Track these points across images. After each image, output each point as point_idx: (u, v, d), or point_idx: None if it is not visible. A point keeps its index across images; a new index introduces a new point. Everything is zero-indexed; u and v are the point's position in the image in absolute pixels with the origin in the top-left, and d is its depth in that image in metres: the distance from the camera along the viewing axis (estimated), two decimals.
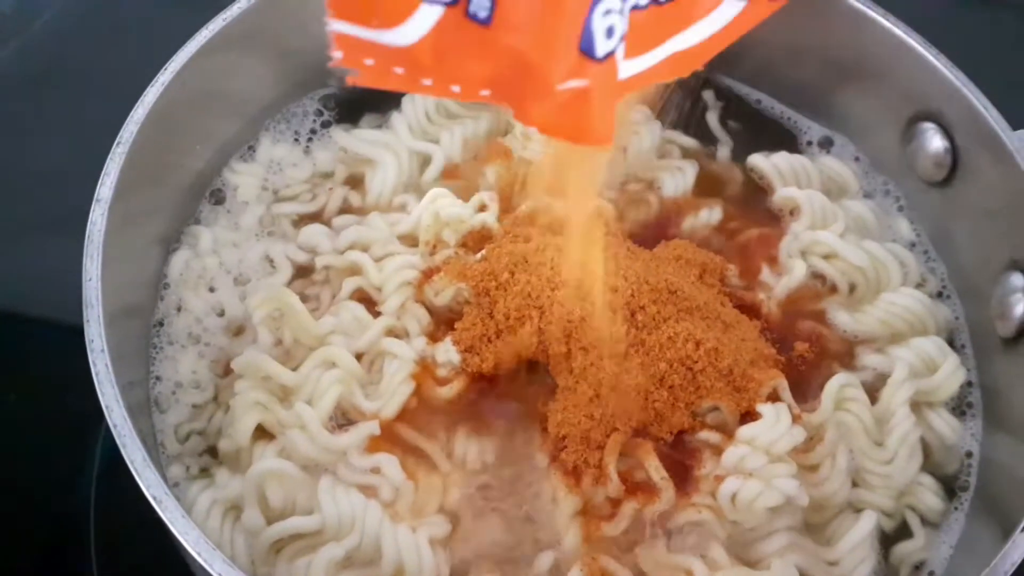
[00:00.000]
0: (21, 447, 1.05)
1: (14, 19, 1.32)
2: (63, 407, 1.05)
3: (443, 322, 0.90)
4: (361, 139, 1.00)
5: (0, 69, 1.29)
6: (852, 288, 0.95)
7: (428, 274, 0.90)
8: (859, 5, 0.95)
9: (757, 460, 0.82)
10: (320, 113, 1.04)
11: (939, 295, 0.97)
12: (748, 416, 0.85)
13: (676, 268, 0.90)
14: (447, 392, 0.86)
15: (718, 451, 0.84)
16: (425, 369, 0.86)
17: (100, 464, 1.03)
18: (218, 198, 0.98)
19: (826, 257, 0.95)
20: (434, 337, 0.88)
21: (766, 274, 0.96)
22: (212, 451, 0.86)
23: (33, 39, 1.31)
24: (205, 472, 0.84)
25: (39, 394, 1.08)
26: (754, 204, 1.00)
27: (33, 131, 1.22)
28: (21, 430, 1.06)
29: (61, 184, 1.13)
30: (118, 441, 0.70)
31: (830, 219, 0.97)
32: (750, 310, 0.93)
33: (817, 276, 0.96)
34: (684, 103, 1.06)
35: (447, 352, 0.87)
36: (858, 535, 0.81)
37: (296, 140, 1.02)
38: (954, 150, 0.94)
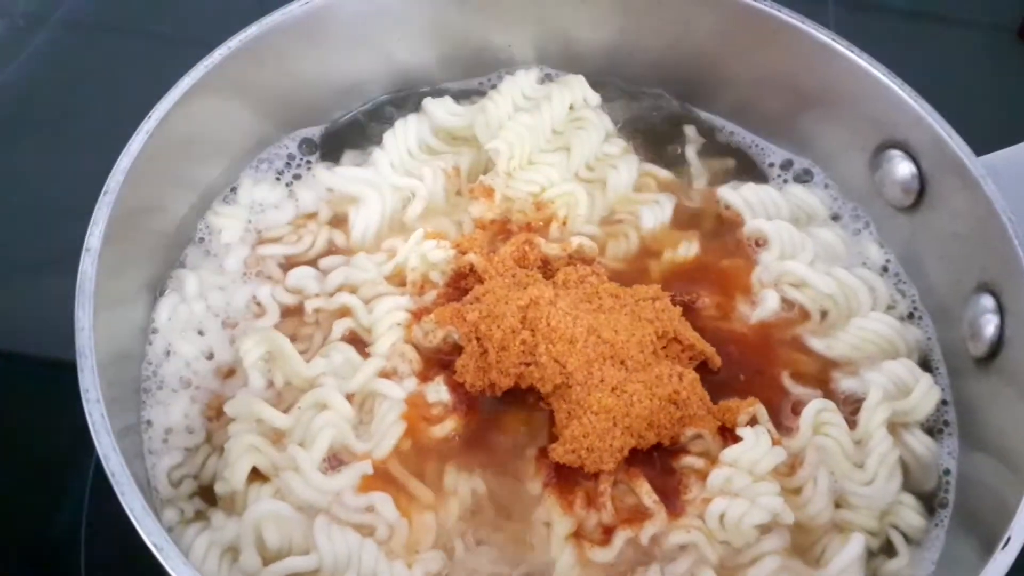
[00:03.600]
0: (9, 480, 1.05)
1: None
2: (51, 441, 1.06)
3: (432, 362, 0.91)
4: (343, 177, 1.02)
5: None
6: (824, 314, 0.98)
7: (417, 315, 0.92)
8: (826, 38, 0.98)
9: (741, 480, 0.84)
10: (300, 153, 1.05)
11: (910, 317, 1.00)
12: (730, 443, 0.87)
13: (658, 310, 0.92)
14: (439, 431, 0.87)
15: (703, 476, 0.86)
16: (416, 409, 0.87)
17: (90, 496, 1.03)
18: (202, 242, 0.99)
19: (796, 286, 0.98)
20: (424, 377, 0.89)
21: (740, 304, 0.98)
22: (204, 494, 0.86)
23: (16, 81, 1.31)
24: (200, 515, 0.85)
25: (27, 428, 1.08)
26: (728, 235, 1.03)
27: (18, 172, 1.23)
28: (9, 463, 1.06)
29: (45, 222, 1.15)
30: (116, 489, 0.71)
31: (799, 248, 1.00)
32: (726, 339, 0.95)
33: (790, 304, 0.98)
34: (660, 137, 1.09)
35: (438, 392, 0.88)
36: (847, 558, 0.83)
37: (278, 179, 1.03)
38: (921, 176, 0.97)
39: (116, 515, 0.73)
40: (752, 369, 0.94)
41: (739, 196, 1.04)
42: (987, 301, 0.91)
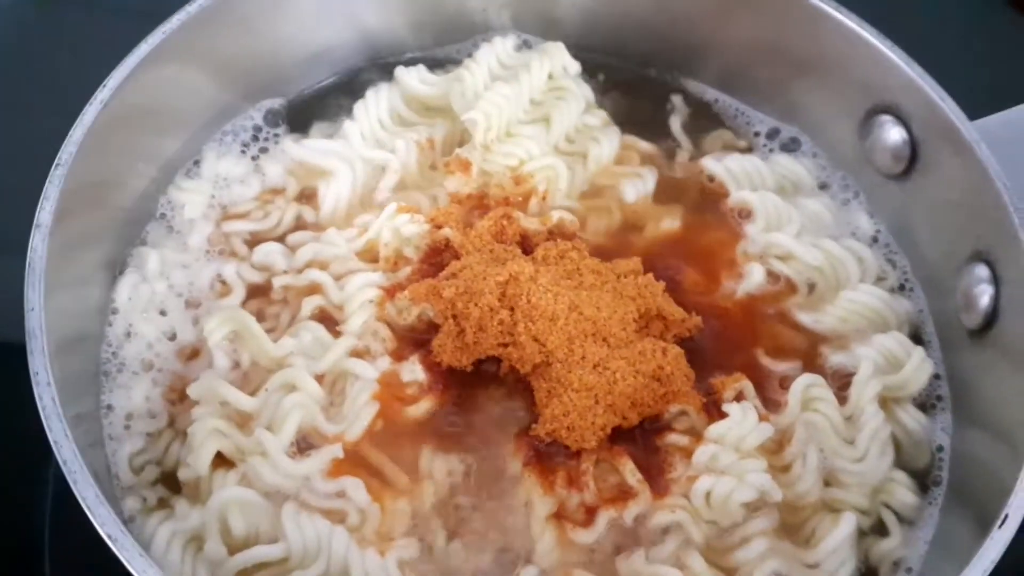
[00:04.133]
0: None
1: None
2: (11, 429, 1.01)
3: (406, 341, 0.87)
4: (312, 149, 0.97)
5: None
6: (811, 287, 0.95)
7: (390, 291, 0.88)
8: (814, 1, 0.94)
9: (728, 457, 0.82)
10: (266, 124, 1.01)
11: (901, 288, 0.97)
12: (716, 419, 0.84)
13: (640, 286, 0.89)
14: (415, 411, 0.84)
15: (688, 453, 0.83)
16: (389, 389, 0.84)
17: (54, 484, 0.98)
18: (164, 218, 0.95)
19: (783, 258, 0.95)
20: (397, 356, 0.86)
21: (725, 278, 0.95)
22: (168, 481, 0.83)
23: None
24: (163, 503, 0.81)
25: None
26: (713, 207, 0.99)
27: None
28: None
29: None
30: (68, 478, 0.67)
31: (784, 220, 0.97)
32: (711, 314, 0.92)
33: (776, 277, 0.95)
34: (642, 106, 1.05)
35: (413, 371, 0.85)
36: (838, 537, 0.80)
37: (243, 152, 0.99)
38: (912, 142, 0.94)
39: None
40: (738, 344, 0.92)
41: (723, 167, 1.01)
42: (981, 271, 0.88)
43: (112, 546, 0.65)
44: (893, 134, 0.95)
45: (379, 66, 1.06)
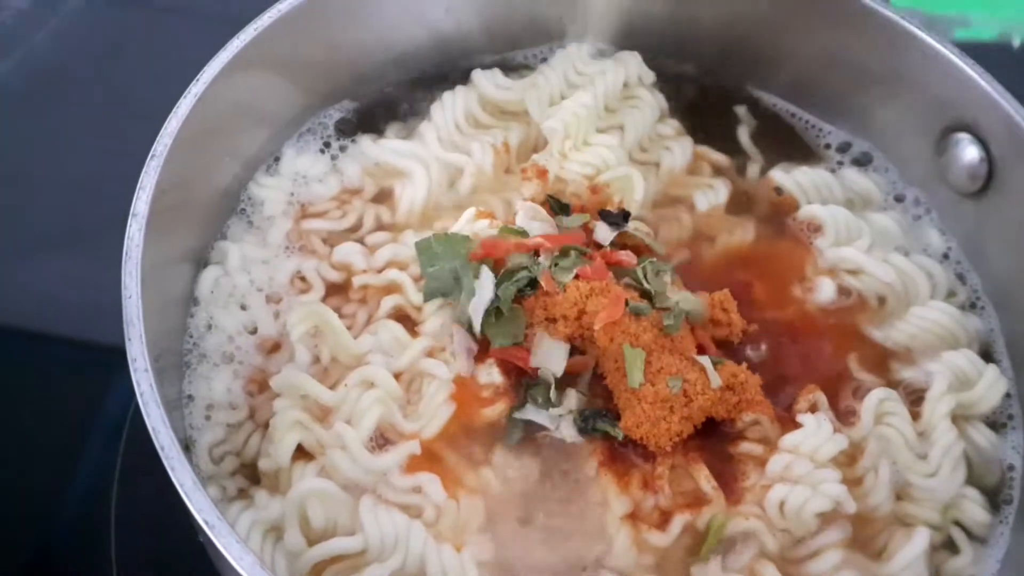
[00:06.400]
0: (37, 460, 1.03)
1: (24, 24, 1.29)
2: (72, 422, 1.03)
3: (484, 343, 0.87)
4: (390, 150, 0.98)
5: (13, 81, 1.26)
6: (882, 301, 0.95)
7: None
8: (893, 16, 0.94)
9: (802, 467, 0.81)
10: (344, 124, 1.02)
11: (972, 307, 0.97)
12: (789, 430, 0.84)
13: (716, 302, 0.90)
14: (491, 413, 0.85)
15: (761, 462, 0.83)
16: (466, 390, 0.85)
17: (119, 478, 1.00)
18: (244, 213, 0.96)
19: (853, 273, 0.95)
20: (475, 358, 0.86)
21: (795, 291, 0.95)
22: (247, 472, 0.84)
23: (44, 49, 1.28)
24: (242, 493, 0.82)
25: (49, 408, 1.05)
26: (783, 220, 0.99)
27: (53, 143, 1.20)
28: (34, 443, 1.03)
29: (77, 199, 1.12)
30: (166, 464, 0.68)
31: (855, 234, 0.97)
32: (781, 328, 0.92)
33: (846, 291, 0.95)
34: (715, 117, 1.05)
35: (490, 374, 0.85)
36: (913, 552, 0.80)
37: (322, 152, 1.00)
38: (990, 161, 0.93)
39: (146, 498, 0.70)
40: (808, 357, 0.92)
41: (792, 180, 1.01)
42: None
43: (209, 532, 0.66)
44: (970, 152, 0.94)
45: (454, 70, 1.07)
